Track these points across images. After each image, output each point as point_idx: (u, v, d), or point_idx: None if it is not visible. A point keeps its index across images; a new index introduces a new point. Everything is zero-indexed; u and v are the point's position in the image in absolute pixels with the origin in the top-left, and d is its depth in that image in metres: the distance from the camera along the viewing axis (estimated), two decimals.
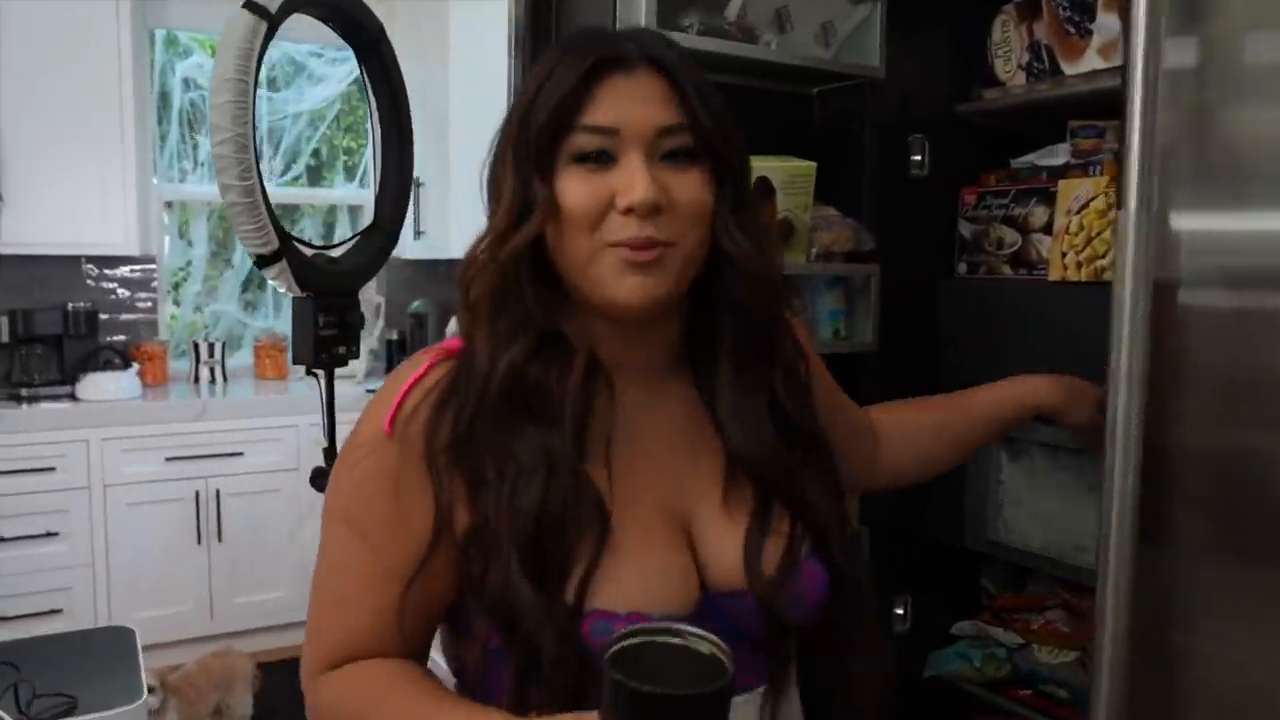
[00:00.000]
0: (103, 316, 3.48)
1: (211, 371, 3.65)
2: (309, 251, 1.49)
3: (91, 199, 3.21)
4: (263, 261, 1.36)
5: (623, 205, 0.76)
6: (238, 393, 3.53)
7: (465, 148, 2.99)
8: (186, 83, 3.76)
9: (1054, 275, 1.36)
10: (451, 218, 3.36)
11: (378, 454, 0.79)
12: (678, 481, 0.84)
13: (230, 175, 1.32)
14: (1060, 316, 1.35)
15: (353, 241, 1.58)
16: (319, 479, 1.76)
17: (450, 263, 3.26)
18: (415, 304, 3.69)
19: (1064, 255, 1.34)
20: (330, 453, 1.71)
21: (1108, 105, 1.41)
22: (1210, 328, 0.95)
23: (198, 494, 3.22)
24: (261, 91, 3.89)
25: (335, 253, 1.56)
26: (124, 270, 3.59)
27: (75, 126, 3.17)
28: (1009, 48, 1.48)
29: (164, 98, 3.71)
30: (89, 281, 3.53)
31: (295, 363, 1.61)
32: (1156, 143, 0.92)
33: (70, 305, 3.33)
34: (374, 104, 1.66)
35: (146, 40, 3.54)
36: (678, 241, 0.77)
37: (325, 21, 1.54)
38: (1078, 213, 1.33)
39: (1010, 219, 1.47)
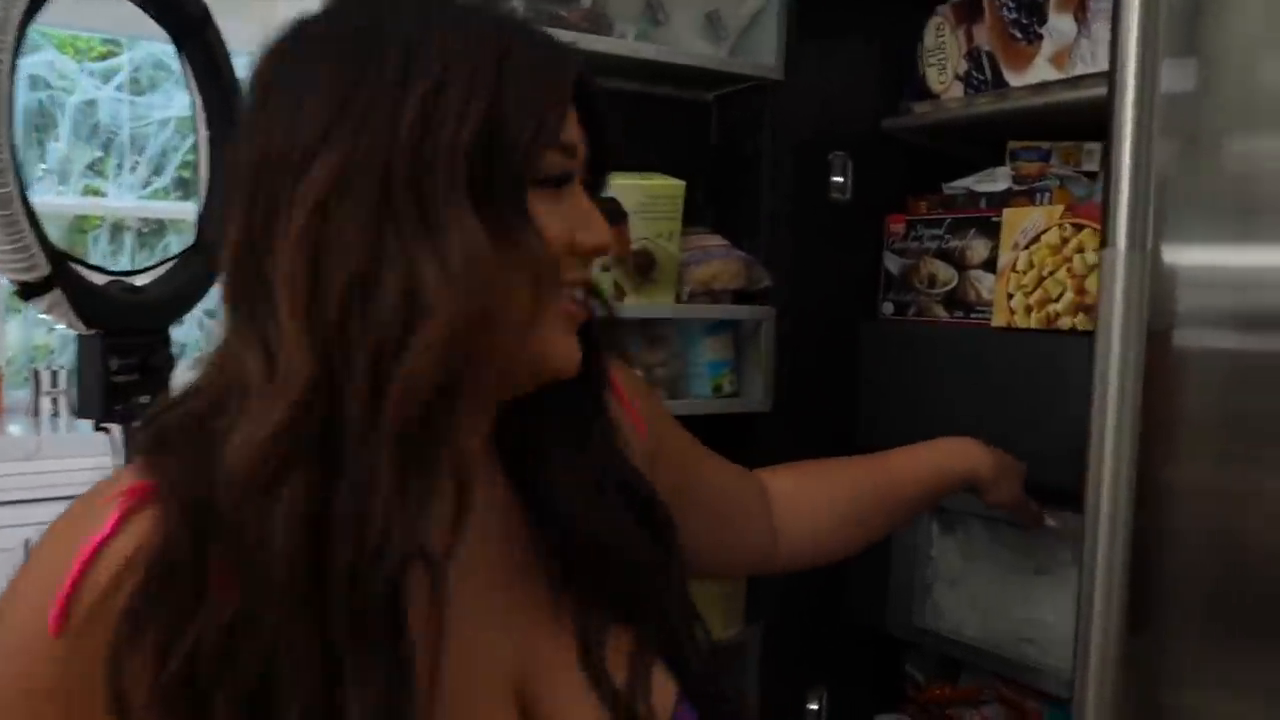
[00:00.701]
0: None
1: (54, 403, 3.25)
2: (101, 278, 1.21)
3: None
4: (29, 291, 1.07)
5: (590, 244, 0.58)
6: (82, 427, 3.14)
7: None
8: (34, 81, 3.39)
9: (999, 320, 1.15)
10: None
11: (26, 662, 0.52)
12: (509, 632, 0.59)
13: None
14: (1005, 368, 1.15)
15: (166, 266, 1.31)
16: None
17: None
18: None
19: (1010, 297, 1.14)
20: None
21: (1061, 122, 1.23)
22: (1208, 373, 0.78)
23: (27, 542, 2.83)
24: (121, 94, 3.55)
25: (142, 279, 1.29)
26: None
27: None
28: (944, 55, 1.28)
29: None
30: None
31: (79, 415, 1.31)
32: (1150, 174, 0.75)
33: None
34: (199, 102, 1.39)
35: None
36: None
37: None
38: (1026, 247, 1.13)
39: (945, 252, 1.26)
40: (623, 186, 1.11)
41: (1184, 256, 0.79)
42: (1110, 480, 0.76)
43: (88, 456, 2.84)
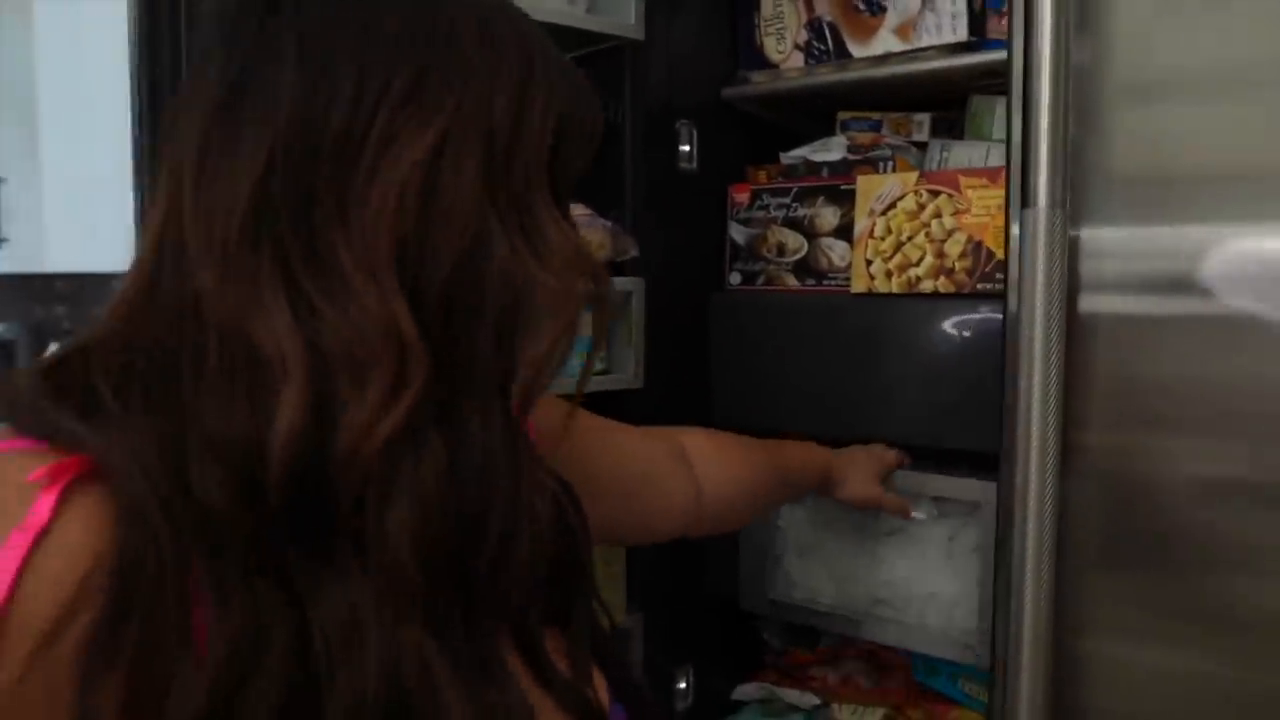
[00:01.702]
0: None
1: None
2: None
3: None
4: None
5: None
6: None
7: (61, 132, 2.45)
8: None
9: (858, 286, 1.18)
10: (47, 221, 2.69)
11: None
12: None
13: None
14: (865, 334, 1.18)
15: None
16: None
17: (46, 278, 2.60)
18: None
19: (869, 263, 1.16)
20: None
21: (890, 94, 1.27)
22: (1108, 336, 0.82)
23: None
24: None
25: None
26: None
27: None
28: (782, 24, 1.29)
29: None
30: None
31: None
32: (1067, 136, 0.78)
33: None
34: None
35: None
36: None
37: None
38: (883, 214, 1.16)
39: (793, 221, 1.27)
40: None
41: (1079, 227, 0.83)
42: (1038, 443, 0.78)
43: None
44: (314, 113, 0.45)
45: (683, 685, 1.32)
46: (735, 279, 1.34)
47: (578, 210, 1.14)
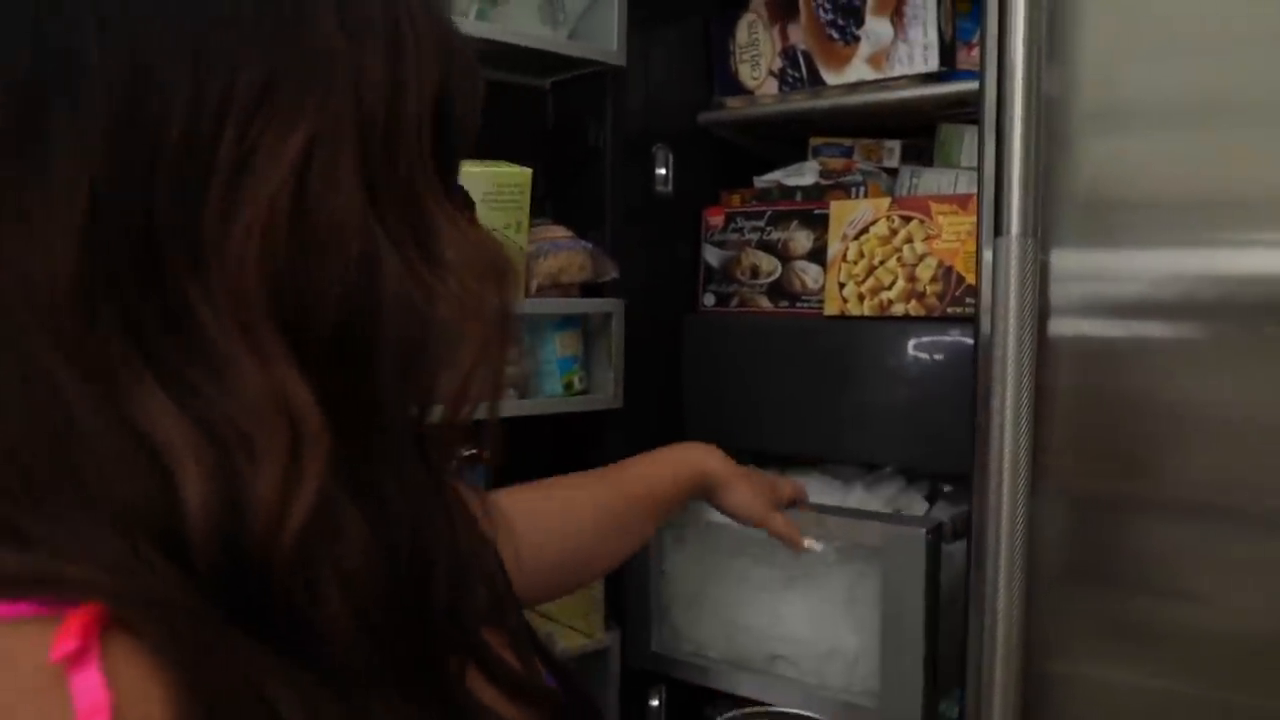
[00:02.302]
0: None
1: None
2: None
3: None
4: None
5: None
6: None
7: None
8: None
9: (831, 309, 1.20)
10: None
11: None
12: None
13: None
14: (837, 355, 1.20)
15: None
16: None
17: None
18: None
19: (842, 286, 1.19)
20: None
21: (860, 121, 1.30)
22: (1077, 359, 0.85)
23: None
24: None
25: None
26: None
27: None
28: (757, 52, 1.32)
29: None
30: None
31: None
32: (1038, 165, 0.80)
33: None
34: None
35: None
36: None
37: None
38: (856, 238, 1.18)
39: (767, 244, 1.29)
40: (470, 173, 1.04)
41: (1047, 252, 0.85)
42: (1009, 464, 0.80)
43: None
44: (139, 131, 0.34)
45: (655, 703, 1.33)
46: (709, 301, 1.35)
47: (557, 232, 1.16)
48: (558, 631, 1.25)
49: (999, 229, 0.81)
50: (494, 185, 1.05)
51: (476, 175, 1.04)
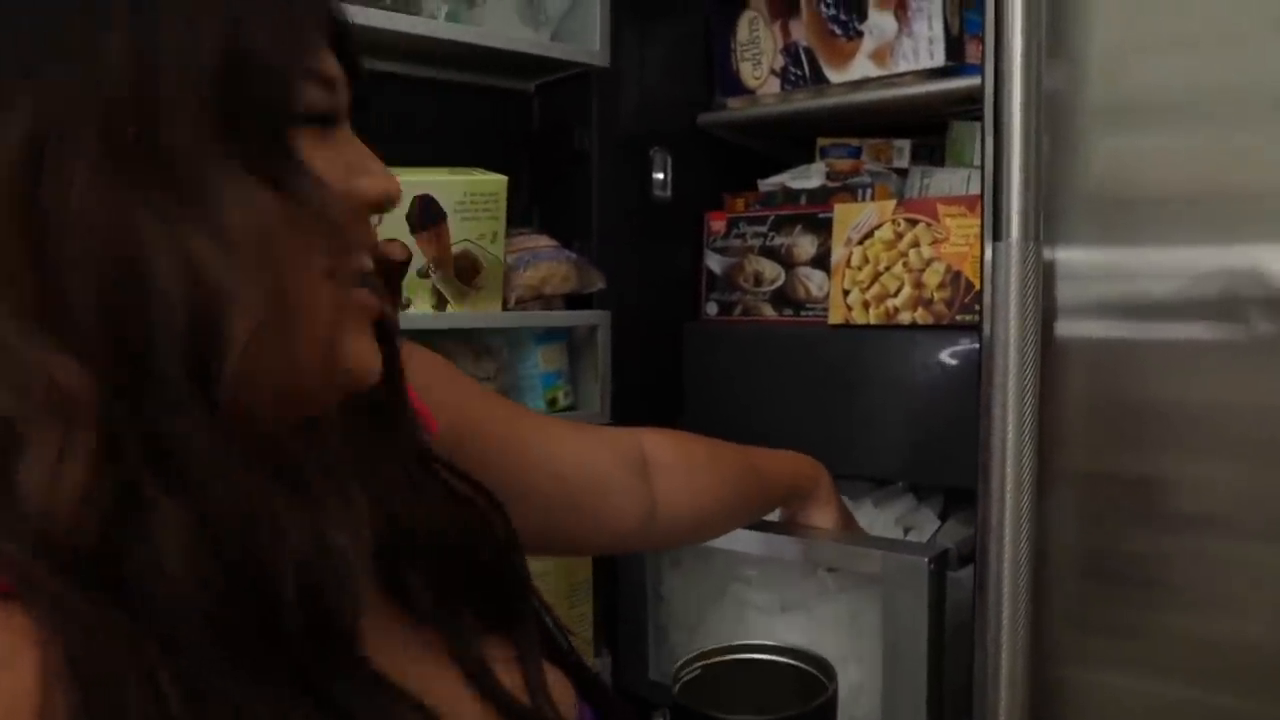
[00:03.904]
0: None
1: None
2: None
3: None
4: None
5: (376, 192, 0.44)
6: None
7: None
8: None
9: (835, 317, 1.14)
10: None
11: None
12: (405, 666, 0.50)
13: None
14: (842, 366, 1.14)
15: None
16: None
17: None
18: None
19: (846, 294, 1.13)
20: None
21: (869, 119, 1.24)
22: (1085, 359, 0.79)
23: None
24: None
25: None
26: None
27: None
28: (758, 50, 1.26)
29: None
30: None
31: None
32: (1039, 167, 0.74)
33: None
34: None
35: None
36: None
37: None
38: (860, 243, 1.12)
39: (770, 250, 1.24)
40: (439, 183, 0.99)
41: (1054, 250, 0.80)
42: (1013, 474, 0.75)
43: None
44: None
45: None
46: (712, 309, 1.30)
47: (539, 241, 1.11)
48: None
49: (998, 233, 0.75)
50: (466, 195, 1.00)
51: (446, 184, 1.00)
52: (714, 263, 1.29)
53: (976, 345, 0.99)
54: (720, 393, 1.27)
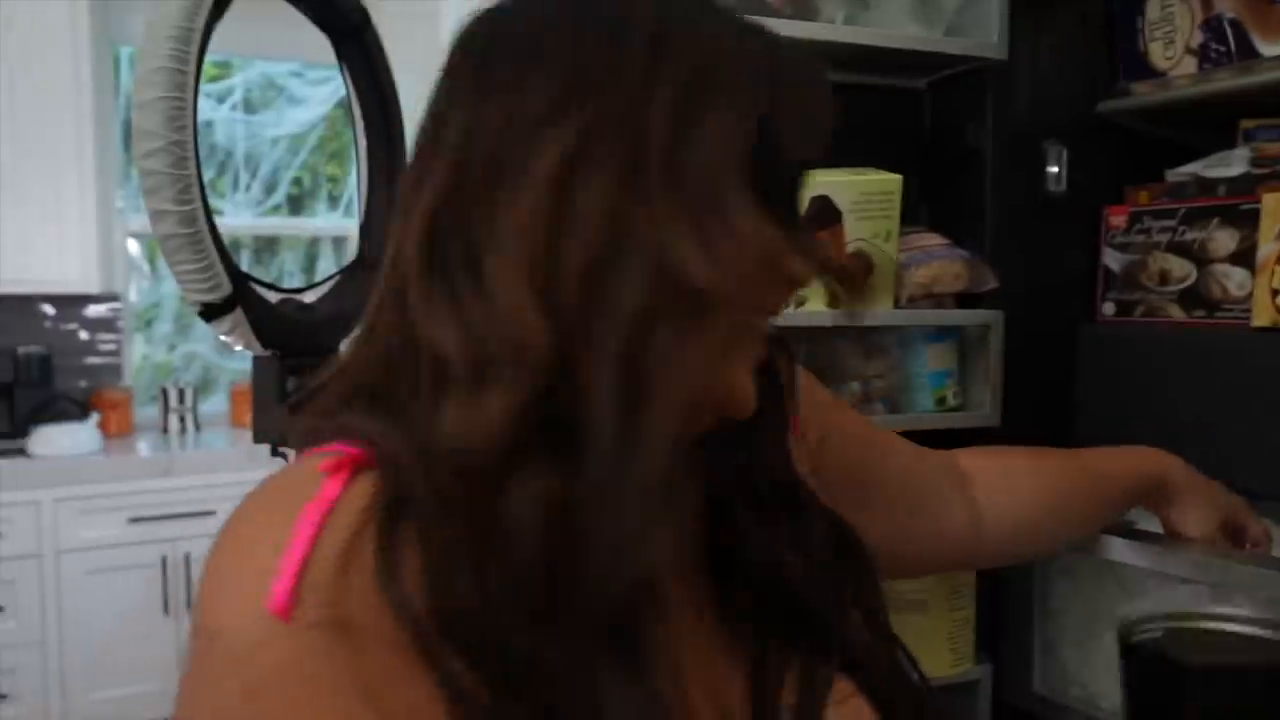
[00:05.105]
0: (60, 361, 3.13)
1: (182, 420, 3.29)
2: (274, 296, 1.16)
3: (46, 230, 2.87)
4: (210, 311, 1.02)
5: (806, 271, 0.52)
6: (211, 443, 3.18)
7: None
8: None
9: (1260, 320, 1.03)
10: None
11: (271, 658, 0.41)
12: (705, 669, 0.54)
13: (164, 197, 0.96)
14: (1268, 375, 1.02)
15: (332, 281, 1.25)
16: None
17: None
18: None
19: (1275, 294, 1.01)
20: None
21: None
22: None
23: (164, 558, 2.86)
24: (236, 113, 3.59)
25: (309, 296, 1.23)
26: (85, 309, 3.24)
27: (27, 151, 2.83)
28: (1171, 27, 1.16)
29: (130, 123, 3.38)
30: (45, 323, 3.19)
31: (257, 441, 1.24)
32: None
33: (21, 350, 2.97)
34: (357, 109, 1.34)
35: (110, 57, 3.21)
36: None
37: (292, 1, 1.23)
38: None
39: (1180, 245, 1.14)
40: (836, 183, 1.02)
41: None
42: None
43: (217, 472, 2.87)
44: (484, 113, 0.47)
45: None
46: (1109, 309, 1.22)
47: (931, 240, 1.10)
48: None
49: None
50: (862, 194, 1.02)
51: (843, 184, 1.02)
52: (1113, 260, 1.21)
53: None
54: (1119, 399, 1.19)
